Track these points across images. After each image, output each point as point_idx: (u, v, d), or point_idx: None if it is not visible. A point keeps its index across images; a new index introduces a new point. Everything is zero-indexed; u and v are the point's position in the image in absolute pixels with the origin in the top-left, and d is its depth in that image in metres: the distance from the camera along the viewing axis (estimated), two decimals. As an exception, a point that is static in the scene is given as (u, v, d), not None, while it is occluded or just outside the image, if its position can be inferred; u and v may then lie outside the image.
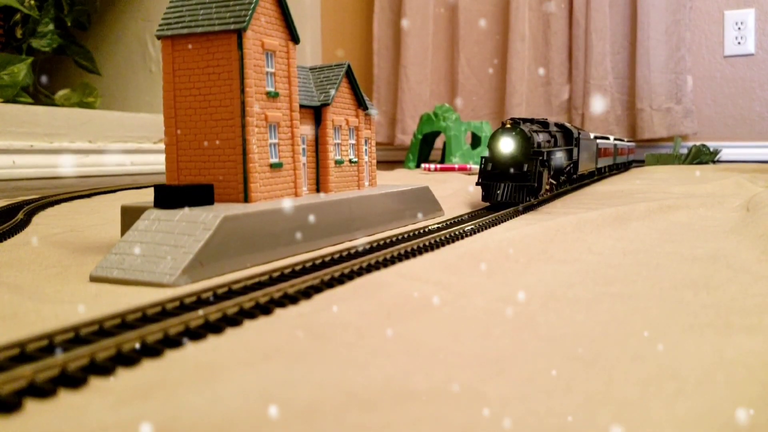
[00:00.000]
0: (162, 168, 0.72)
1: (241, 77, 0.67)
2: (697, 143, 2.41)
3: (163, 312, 0.42)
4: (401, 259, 0.62)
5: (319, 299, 0.48)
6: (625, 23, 2.54)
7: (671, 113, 2.45)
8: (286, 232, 0.67)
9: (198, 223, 0.58)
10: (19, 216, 0.95)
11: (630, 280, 0.54)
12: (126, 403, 0.30)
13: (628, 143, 2.26)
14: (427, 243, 0.68)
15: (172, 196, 0.62)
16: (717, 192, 1.25)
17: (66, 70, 2.34)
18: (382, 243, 0.68)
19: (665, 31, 2.45)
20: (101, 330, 0.38)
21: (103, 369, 0.33)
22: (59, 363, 0.32)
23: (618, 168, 2.07)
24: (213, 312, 0.41)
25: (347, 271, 0.55)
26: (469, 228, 0.79)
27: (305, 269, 0.55)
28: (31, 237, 0.81)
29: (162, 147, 0.72)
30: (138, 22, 2.38)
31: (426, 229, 0.77)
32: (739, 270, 0.56)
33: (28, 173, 1.56)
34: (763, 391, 0.30)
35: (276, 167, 0.72)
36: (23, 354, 0.34)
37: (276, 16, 0.72)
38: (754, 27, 2.41)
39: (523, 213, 1.01)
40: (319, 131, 0.84)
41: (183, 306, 0.43)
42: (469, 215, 0.93)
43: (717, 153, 2.39)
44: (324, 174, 0.84)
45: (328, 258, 0.59)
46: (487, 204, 1.03)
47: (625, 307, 0.45)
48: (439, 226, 0.80)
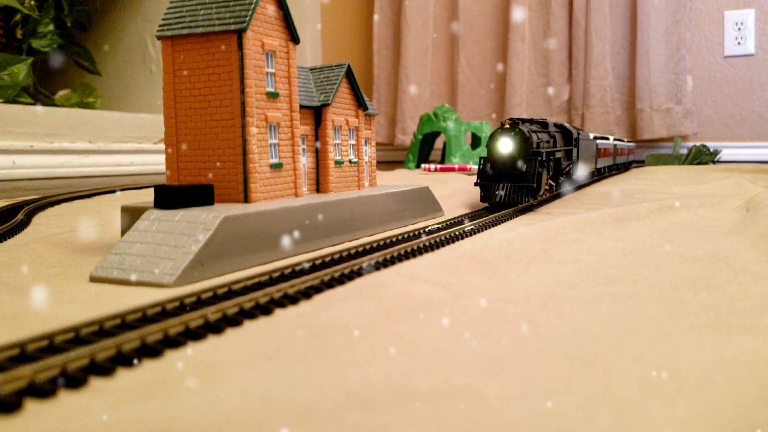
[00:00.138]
0: (162, 168, 0.72)
1: (241, 78, 0.67)
2: (697, 143, 2.41)
3: (163, 312, 0.42)
4: (401, 260, 0.62)
5: (319, 299, 0.48)
6: (625, 23, 2.54)
7: (671, 113, 2.45)
8: (286, 232, 0.67)
9: (198, 224, 0.58)
10: (19, 216, 0.95)
11: (630, 280, 0.54)
12: (126, 404, 0.30)
13: (627, 143, 2.26)
14: (427, 243, 0.68)
15: (172, 196, 0.62)
16: (717, 192, 1.25)
17: (66, 70, 2.34)
18: (382, 243, 0.68)
19: (665, 32, 2.45)
20: (101, 330, 0.38)
21: (103, 369, 0.33)
22: (59, 363, 0.32)
23: (618, 168, 2.07)
24: (213, 312, 0.41)
25: (347, 272, 0.55)
26: (469, 228, 0.79)
27: (305, 269, 0.55)
28: (31, 237, 0.81)
29: (162, 147, 0.72)
30: (138, 22, 2.38)
31: (426, 230, 0.77)
32: (739, 270, 0.56)
33: (28, 173, 1.56)
34: (763, 391, 0.30)
35: (276, 167, 0.72)
36: (23, 354, 0.34)
37: (276, 16, 0.72)
38: (754, 27, 2.41)
39: (523, 213, 1.01)
40: (319, 131, 0.84)
41: (183, 306, 0.43)
42: (469, 216, 0.93)
43: (717, 153, 2.39)
44: (324, 174, 0.84)
45: (328, 258, 0.59)
46: (486, 204, 1.03)
47: (625, 308, 0.45)
48: (439, 226, 0.80)
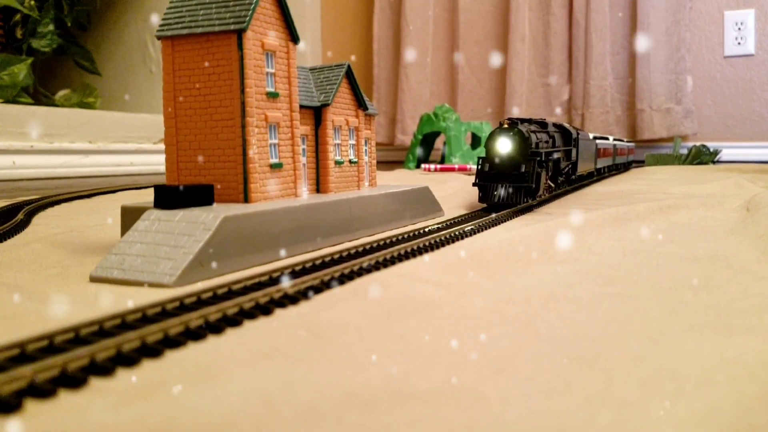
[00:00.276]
0: (162, 168, 0.72)
1: (241, 78, 0.67)
2: (697, 143, 2.41)
3: (163, 312, 0.42)
4: (401, 260, 0.62)
5: (319, 299, 0.48)
6: (625, 24, 2.54)
7: (671, 113, 2.45)
8: (286, 232, 0.67)
9: (198, 224, 0.58)
10: (19, 216, 0.95)
11: (630, 280, 0.54)
12: (126, 404, 0.30)
13: (627, 143, 2.26)
14: (427, 243, 0.68)
15: (172, 196, 0.62)
16: (717, 192, 1.25)
17: (66, 70, 2.34)
18: (382, 243, 0.68)
19: (665, 32, 2.45)
20: (101, 330, 0.38)
21: (103, 369, 0.33)
22: (59, 363, 0.32)
23: (618, 168, 2.07)
24: (213, 312, 0.41)
25: (347, 272, 0.55)
26: (469, 228, 0.79)
27: (305, 269, 0.55)
28: (31, 237, 0.81)
29: (162, 147, 0.72)
30: (138, 22, 2.38)
31: (426, 230, 0.77)
32: (739, 270, 0.56)
33: (28, 173, 1.56)
34: (763, 391, 0.30)
35: (276, 167, 0.72)
36: (23, 354, 0.34)
37: (276, 16, 0.72)
38: (754, 27, 2.41)
39: (523, 213, 1.01)
40: (319, 131, 0.84)
41: (183, 306, 0.43)
42: (469, 215, 0.93)
43: (717, 153, 2.39)
44: (324, 174, 0.84)
45: (328, 258, 0.59)
46: (485, 205, 1.03)
47: (625, 308, 0.45)
48: (439, 226, 0.80)
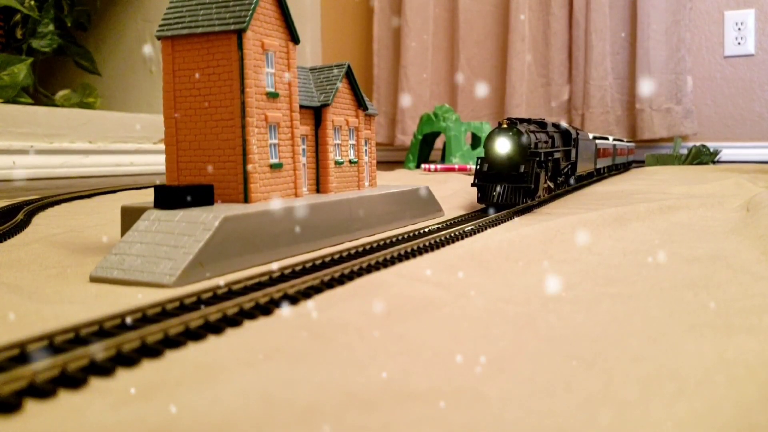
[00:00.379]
0: (162, 168, 0.72)
1: (241, 78, 0.67)
2: (697, 144, 2.41)
3: (163, 312, 0.42)
4: (401, 260, 0.62)
5: (319, 299, 0.48)
6: (625, 24, 2.54)
7: (671, 114, 2.45)
8: (286, 232, 0.67)
9: (198, 224, 0.58)
10: (19, 216, 0.95)
11: (630, 280, 0.54)
12: (126, 404, 0.30)
13: (627, 143, 2.26)
14: (427, 243, 0.68)
15: (172, 196, 0.62)
16: (717, 192, 1.24)
17: (66, 70, 2.34)
18: (382, 243, 0.68)
19: (665, 32, 2.45)
20: (101, 330, 0.38)
21: (103, 369, 0.33)
22: (59, 363, 0.32)
23: (617, 168, 2.07)
24: (213, 312, 0.41)
25: (347, 272, 0.55)
26: (470, 228, 0.79)
27: (305, 269, 0.55)
28: (31, 237, 0.81)
29: (162, 147, 0.72)
30: (138, 22, 2.38)
31: (426, 230, 0.77)
32: (739, 270, 0.56)
33: (28, 174, 1.56)
34: (763, 392, 0.30)
35: (276, 168, 0.72)
36: (23, 354, 0.34)
37: (276, 16, 0.72)
38: (754, 27, 2.41)
39: (523, 214, 1.01)
40: (319, 132, 0.84)
41: (183, 306, 0.43)
42: (469, 216, 0.93)
43: (717, 153, 2.39)
44: (324, 174, 0.84)
45: (328, 258, 0.59)
46: (483, 205, 1.02)
47: (625, 308, 0.45)
48: (439, 226, 0.80)
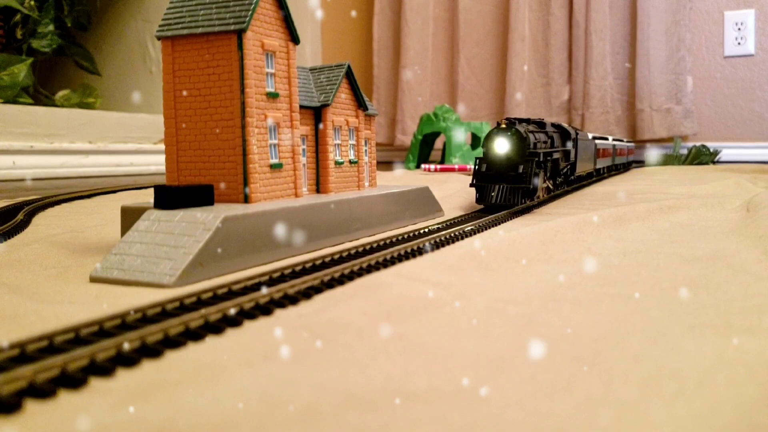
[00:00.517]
0: (162, 168, 0.72)
1: (241, 78, 0.67)
2: (697, 144, 2.41)
3: (163, 312, 0.42)
4: (401, 260, 0.62)
5: (319, 300, 0.48)
6: (625, 24, 2.54)
7: (671, 114, 2.45)
8: (286, 232, 0.67)
9: (198, 224, 0.58)
10: (19, 217, 0.95)
11: (630, 280, 0.54)
12: (126, 404, 0.30)
13: (627, 144, 2.26)
14: (427, 243, 0.68)
15: (172, 196, 0.62)
16: (717, 192, 1.25)
17: (66, 70, 2.34)
18: (382, 243, 0.68)
19: (665, 32, 2.45)
20: (101, 330, 0.38)
21: (103, 369, 0.33)
22: (59, 363, 0.32)
23: (617, 169, 2.07)
24: (213, 312, 0.41)
25: (347, 272, 0.55)
26: (469, 228, 0.79)
27: (305, 270, 0.55)
28: (32, 238, 0.81)
29: (162, 148, 0.72)
30: (138, 22, 2.38)
31: (426, 230, 0.77)
32: (739, 270, 0.56)
33: (28, 174, 1.56)
34: (763, 392, 0.30)
35: (276, 168, 0.72)
36: (23, 354, 0.34)
37: (276, 16, 0.72)
38: (753, 27, 2.41)
39: (523, 214, 1.01)
40: (319, 132, 0.84)
41: (183, 307, 0.43)
42: (469, 216, 0.93)
43: (717, 154, 2.39)
44: (324, 174, 0.84)
45: (328, 258, 0.59)
46: (482, 206, 1.02)
47: (625, 308, 0.45)
48: (439, 226, 0.80)
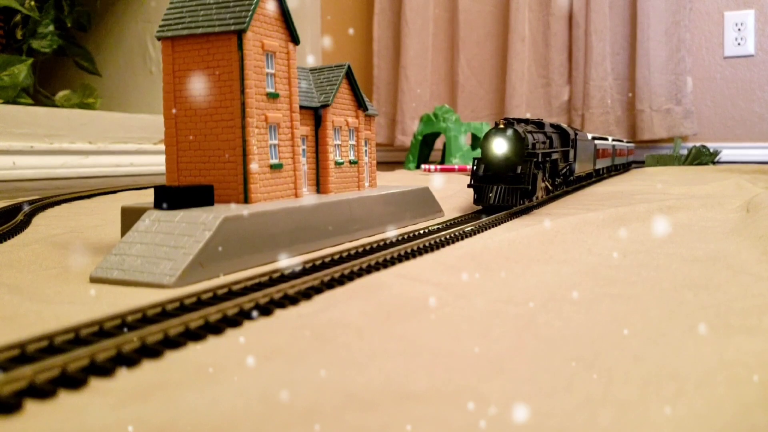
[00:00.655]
0: (162, 169, 0.72)
1: (242, 78, 0.67)
2: (697, 144, 2.41)
3: (163, 313, 0.42)
4: (401, 260, 0.62)
5: (319, 300, 0.48)
6: (625, 24, 2.54)
7: (671, 114, 2.45)
8: (285, 233, 0.67)
9: (198, 224, 0.58)
10: (19, 217, 0.95)
11: (630, 281, 0.54)
12: (126, 404, 0.30)
13: (627, 144, 2.26)
14: (427, 244, 0.68)
15: (172, 197, 0.62)
16: (717, 193, 1.24)
17: (66, 71, 2.34)
18: (382, 244, 0.68)
19: (665, 32, 2.45)
20: (101, 331, 0.38)
21: (103, 370, 0.33)
22: (59, 364, 0.32)
23: (617, 169, 2.07)
24: (213, 313, 0.41)
25: (347, 272, 0.55)
26: (469, 229, 0.79)
27: (305, 270, 0.55)
28: (32, 238, 0.81)
29: (162, 148, 0.72)
30: (138, 23, 2.38)
31: (426, 230, 0.77)
32: (740, 271, 0.56)
33: (28, 174, 1.56)
34: (763, 392, 0.30)
35: (276, 168, 0.72)
36: (23, 355, 0.34)
37: (276, 16, 0.72)
38: (753, 28, 2.41)
39: (523, 215, 1.01)
40: (319, 132, 0.84)
41: (183, 307, 0.43)
42: (469, 216, 0.92)
43: (717, 154, 2.39)
44: (324, 175, 0.84)
45: (328, 259, 0.59)
46: (480, 207, 1.01)
47: (625, 308, 0.45)
48: (439, 227, 0.80)
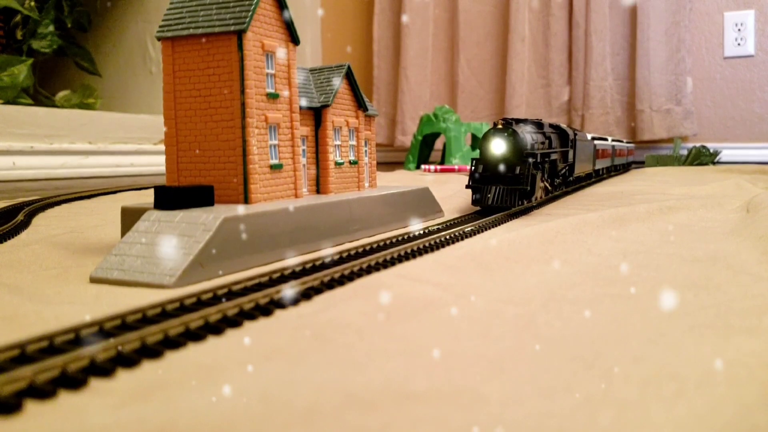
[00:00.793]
0: (162, 169, 0.72)
1: (241, 78, 0.67)
2: (697, 144, 2.41)
3: (163, 313, 0.42)
4: (401, 260, 0.62)
5: (319, 300, 0.48)
6: (625, 24, 2.54)
7: (671, 114, 2.45)
8: (285, 233, 0.67)
9: (198, 225, 0.58)
10: (20, 217, 0.95)
11: (630, 281, 0.54)
12: (126, 405, 0.30)
13: (627, 144, 2.26)
14: (428, 244, 0.68)
15: (172, 197, 0.62)
16: (717, 193, 1.25)
17: (66, 71, 2.34)
18: (382, 244, 0.68)
19: (665, 33, 2.45)
20: (101, 331, 0.38)
21: (103, 370, 0.33)
22: (59, 364, 0.32)
23: (617, 170, 2.07)
24: (213, 313, 0.41)
25: (347, 272, 0.55)
26: (469, 229, 0.79)
27: (305, 270, 0.55)
28: (32, 238, 0.81)
29: (162, 148, 0.72)
30: (138, 23, 2.38)
31: (426, 230, 0.77)
32: (739, 271, 0.56)
33: (28, 174, 1.56)
34: (763, 392, 0.30)
35: (276, 168, 0.72)
36: (23, 355, 0.34)
37: (276, 17, 0.73)
38: (753, 28, 2.41)
39: (523, 215, 1.01)
40: (319, 132, 0.84)
41: (183, 307, 0.43)
42: (469, 216, 0.92)
43: (717, 154, 2.39)
44: (324, 175, 0.84)
45: (328, 259, 0.59)
46: (479, 208, 1.00)
47: (625, 308, 0.45)
48: (439, 227, 0.80)
